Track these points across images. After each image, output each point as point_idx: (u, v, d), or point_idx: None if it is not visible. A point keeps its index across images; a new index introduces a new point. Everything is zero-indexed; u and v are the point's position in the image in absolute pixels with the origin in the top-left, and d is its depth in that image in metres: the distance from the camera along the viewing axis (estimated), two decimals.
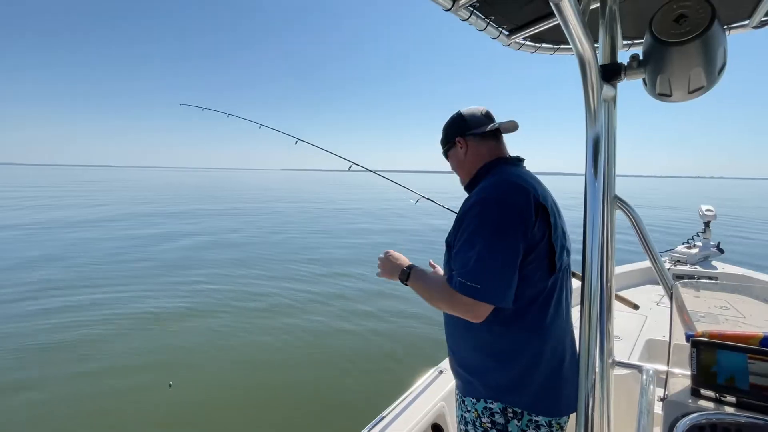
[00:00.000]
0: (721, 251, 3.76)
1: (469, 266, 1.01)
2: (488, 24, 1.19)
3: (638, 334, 2.32)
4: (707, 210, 3.79)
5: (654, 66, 0.88)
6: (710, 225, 3.81)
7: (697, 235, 3.85)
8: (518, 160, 1.23)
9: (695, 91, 0.89)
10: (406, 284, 1.22)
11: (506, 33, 1.29)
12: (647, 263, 3.68)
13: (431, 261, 1.59)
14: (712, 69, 0.84)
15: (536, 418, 1.08)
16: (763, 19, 1.29)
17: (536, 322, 1.08)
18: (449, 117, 1.29)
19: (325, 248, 10.35)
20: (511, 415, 1.08)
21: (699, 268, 3.53)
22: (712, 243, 3.77)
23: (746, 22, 1.31)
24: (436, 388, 1.78)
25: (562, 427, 1.11)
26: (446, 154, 1.32)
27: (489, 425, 1.10)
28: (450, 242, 1.15)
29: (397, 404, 1.65)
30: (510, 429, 1.08)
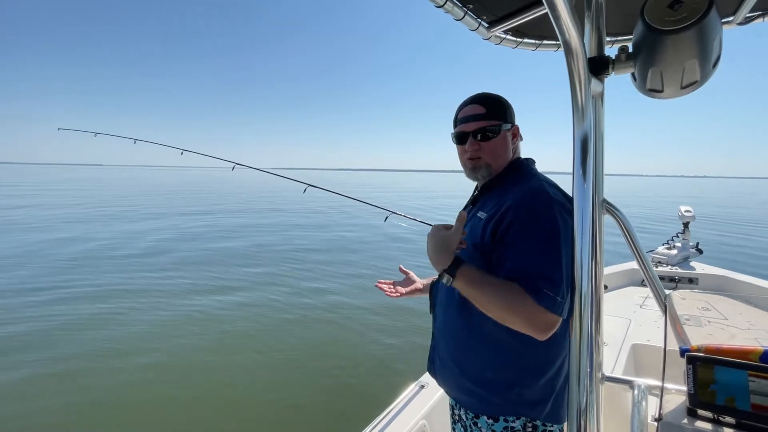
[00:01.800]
0: (700, 252, 3.79)
1: (556, 277, 0.91)
2: (465, 13, 1.10)
3: (623, 339, 2.28)
4: (686, 211, 3.82)
5: (645, 58, 0.80)
6: (689, 226, 3.85)
7: (677, 236, 3.88)
8: None
9: (688, 86, 0.82)
10: (450, 282, 0.93)
11: (486, 25, 1.21)
12: (628, 265, 3.67)
13: (401, 266, 1.49)
14: (708, 61, 0.77)
15: (550, 428, 1.04)
16: (748, 15, 1.25)
17: (562, 333, 1.03)
18: (500, 96, 1.12)
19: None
20: (530, 429, 1.02)
21: (678, 269, 3.54)
22: (691, 244, 3.80)
23: (731, 19, 1.27)
24: (418, 404, 1.67)
25: (562, 431, 1.08)
26: (496, 131, 1.09)
27: None
28: (483, 246, 1.02)
29: (376, 423, 1.54)
30: None
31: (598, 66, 0.87)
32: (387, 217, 2.56)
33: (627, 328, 2.44)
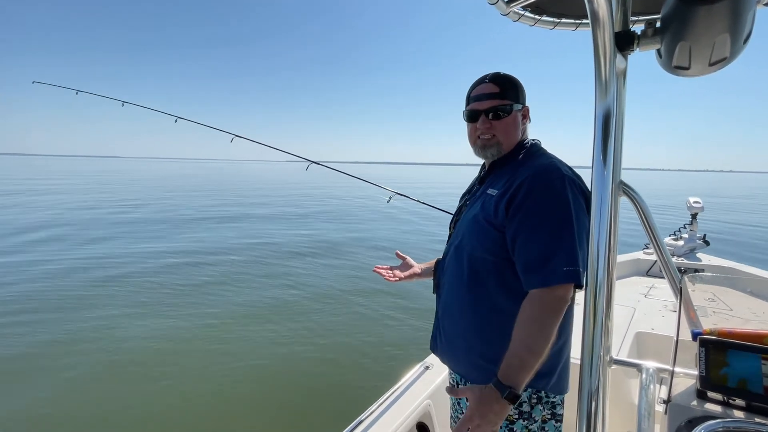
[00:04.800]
0: (707, 243, 3.77)
1: (572, 249, 0.93)
2: None
3: (627, 327, 2.29)
4: (695, 202, 3.78)
5: (674, 32, 0.77)
6: (697, 217, 3.81)
7: (684, 227, 3.85)
8: None
9: (717, 62, 0.79)
10: (515, 391, 0.90)
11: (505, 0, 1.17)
12: (633, 255, 3.66)
13: (398, 252, 1.49)
14: (739, 37, 0.74)
15: (552, 399, 1.07)
16: None
17: (570, 305, 1.06)
18: (513, 77, 1.13)
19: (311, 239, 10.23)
20: (536, 400, 1.05)
21: (685, 260, 3.53)
22: (698, 235, 3.77)
23: None
24: (422, 385, 1.69)
25: (563, 402, 1.11)
26: (508, 110, 1.10)
27: (516, 416, 1.05)
28: (496, 222, 1.03)
29: (380, 403, 1.56)
30: (534, 415, 1.05)
31: (624, 41, 0.84)
32: (390, 198, 2.53)
33: (631, 317, 2.45)
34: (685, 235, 3.77)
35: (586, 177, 1.00)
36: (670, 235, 3.86)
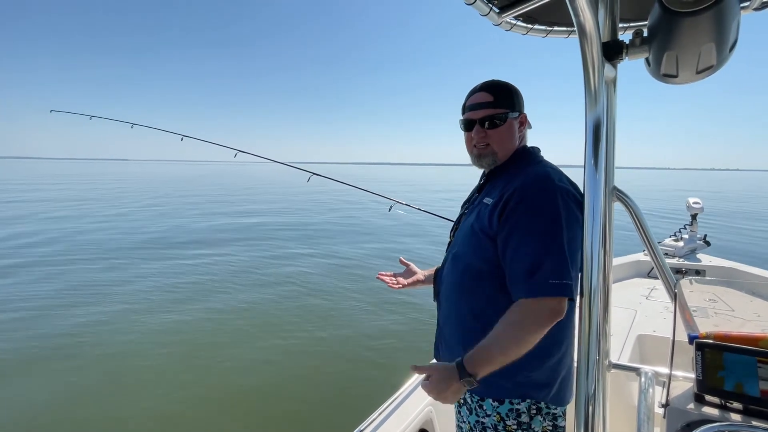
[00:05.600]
0: (708, 244, 3.77)
1: (560, 263, 0.92)
2: None
3: (629, 330, 2.29)
4: (694, 203, 3.78)
5: (660, 42, 0.79)
6: (697, 218, 3.82)
7: (684, 228, 3.85)
8: None
9: (704, 71, 0.81)
10: (473, 379, 0.93)
11: (497, 10, 1.19)
12: (634, 257, 3.66)
13: (402, 258, 1.50)
14: (724, 45, 0.76)
15: (554, 411, 1.06)
16: (765, 0, 1.22)
17: (570, 315, 1.05)
18: (508, 84, 1.12)
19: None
20: (535, 411, 1.04)
21: (685, 261, 3.53)
22: (698, 236, 3.77)
23: (747, 4, 1.24)
24: (424, 391, 1.69)
25: (564, 413, 1.10)
26: (503, 118, 1.09)
27: (514, 427, 1.04)
28: (490, 232, 1.03)
29: (382, 410, 1.56)
30: (533, 426, 1.04)
31: (612, 50, 0.86)
32: (391, 207, 2.56)
33: (633, 319, 2.45)
34: (686, 236, 3.78)
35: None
36: (670, 236, 3.87)
